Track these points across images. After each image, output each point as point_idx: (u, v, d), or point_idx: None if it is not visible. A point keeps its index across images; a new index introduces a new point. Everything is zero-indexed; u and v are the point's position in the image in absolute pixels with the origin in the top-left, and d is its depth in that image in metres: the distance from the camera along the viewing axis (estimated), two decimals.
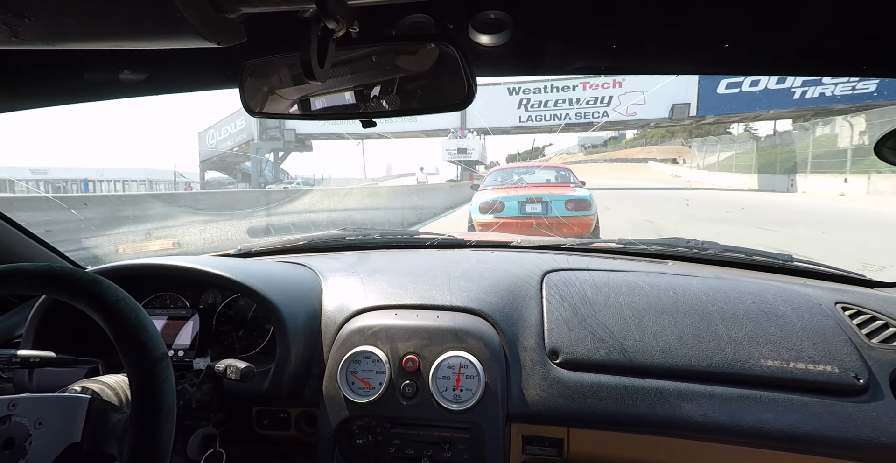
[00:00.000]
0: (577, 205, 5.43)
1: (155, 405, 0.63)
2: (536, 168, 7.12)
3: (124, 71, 0.87)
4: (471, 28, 0.73)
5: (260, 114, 0.79)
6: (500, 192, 5.81)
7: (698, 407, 0.91)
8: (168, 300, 1.17)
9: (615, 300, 1.09)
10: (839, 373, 0.92)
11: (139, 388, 0.63)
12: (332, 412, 0.99)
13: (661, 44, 0.83)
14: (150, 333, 0.64)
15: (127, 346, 0.63)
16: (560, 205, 5.45)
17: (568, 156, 48.16)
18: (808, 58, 0.84)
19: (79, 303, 0.63)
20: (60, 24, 0.42)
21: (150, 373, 0.63)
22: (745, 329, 1.00)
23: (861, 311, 1.05)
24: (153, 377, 0.63)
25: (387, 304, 1.11)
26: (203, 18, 0.43)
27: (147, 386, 0.63)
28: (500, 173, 6.80)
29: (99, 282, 0.64)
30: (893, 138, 0.86)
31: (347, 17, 0.54)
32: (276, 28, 0.71)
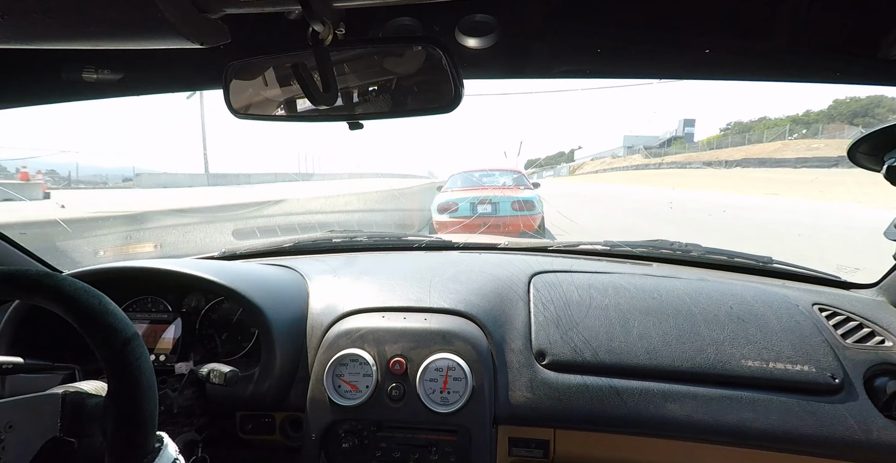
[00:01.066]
0: (522, 205, 5.91)
1: (132, 381, 0.61)
2: (495, 171, 7.54)
3: (104, 71, 0.85)
4: (457, 31, 0.74)
5: (244, 115, 0.78)
6: (456, 194, 6.29)
7: (682, 407, 0.92)
8: (149, 304, 1.15)
9: (601, 302, 1.10)
10: (816, 373, 0.94)
11: (113, 368, 0.61)
12: (318, 416, 0.98)
13: (644, 48, 0.84)
14: (117, 315, 0.62)
15: (94, 331, 0.60)
16: (507, 206, 5.91)
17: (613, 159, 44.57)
18: (785, 64, 0.86)
19: (36, 299, 0.61)
20: (37, 22, 0.41)
21: (123, 352, 0.61)
22: (727, 330, 1.02)
23: (836, 312, 1.08)
24: (127, 355, 0.61)
25: (374, 306, 1.11)
26: (185, 19, 0.43)
27: (122, 364, 0.60)
28: (461, 176, 7.14)
29: (53, 275, 0.62)
30: (866, 143, 0.89)
31: (333, 19, 0.54)
32: (261, 29, 0.71)
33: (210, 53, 0.56)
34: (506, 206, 5.94)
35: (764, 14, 0.72)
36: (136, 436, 0.61)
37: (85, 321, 0.61)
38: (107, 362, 0.61)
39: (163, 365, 1.02)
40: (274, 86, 0.75)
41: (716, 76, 0.91)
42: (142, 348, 0.63)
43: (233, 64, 0.73)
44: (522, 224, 5.75)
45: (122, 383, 0.61)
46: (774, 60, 0.85)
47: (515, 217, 5.82)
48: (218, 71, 0.74)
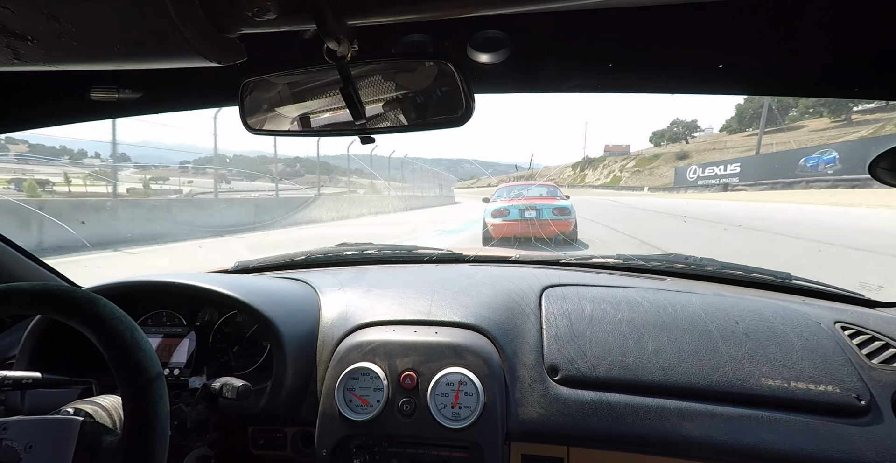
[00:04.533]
0: (560, 211, 7.68)
1: (148, 425, 0.62)
2: (532, 185, 9.82)
3: (126, 90, 0.88)
4: (469, 47, 0.75)
5: (259, 132, 0.79)
6: (506, 203, 8.08)
7: (699, 426, 0.89)
8: (164, 318, 1.16)
9: (614, 316, 1.08)
10: (840, 393, 0.91)
11: (133, 407, 0.62)
12: (329, 431, 0.97)
13: (656, 63, 0.84)
14: (146, 352, 0.64)
15: (122, 365, 0.62)
16: (548, 211, 7.66)
17: None
18: (801, 79, 0.85)
19: (74, 321, 0.63)
20: (63, 45, 0.43)
21: (145, 392, 0.62)
22: (745, 347, 0.99)
23: (861, 330, 1.04)
24: (147, 397, 0.62)
25: (385, 319, 1.10)
26: (203, 38, 0.44)
27: (141, 405, 0.62)
28: (506, 189, 9.25)
29: (96, 300, 0.64)
30: (888, 159, 0.87)
31: (347, 36, 0.55)
32: (276, 47, 0.73)
33: (226, 71, 0.58)
34: (548, 211, 7.62)
35: (779, 30, 0.72)
36: None
37: (115, 353, 0.62)
38: (128, 399, 0.62)
39: (176, 379, 1.03)
40: (288, 102, 0.76)
41: (730, 91, 0.90)
42: (163, 390, 0.65)
43: (248, 81, 0.75)
44: (561, 226, 7.46)
45: (138, 426, 0.62)
46: (788, 75, 0.85)
47: (556, 220, 7.52)
48: (234, 89, 0.76)
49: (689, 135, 61.27)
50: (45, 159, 13.10)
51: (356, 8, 0.48)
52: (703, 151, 49.84)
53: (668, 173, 47.31)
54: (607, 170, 63.57)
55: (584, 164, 72.90)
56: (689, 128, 61.72)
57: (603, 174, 63.78)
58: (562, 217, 7.55)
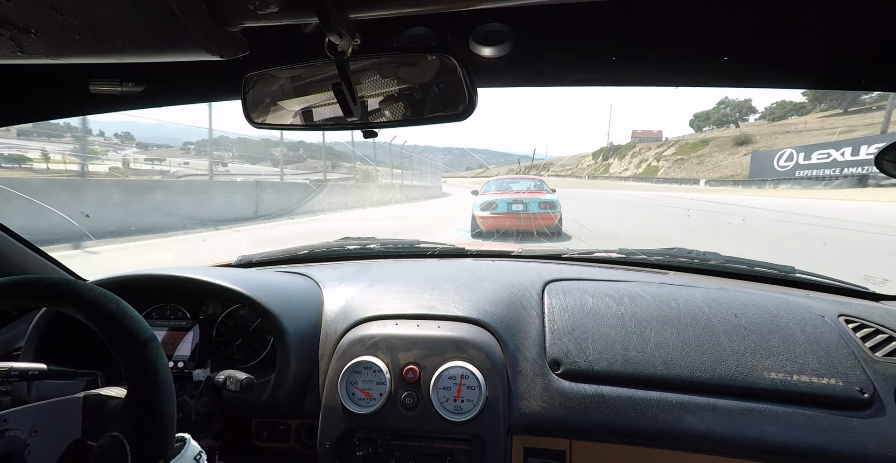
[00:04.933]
0: (546, 205, 7.92)
1: (151, 382, 0.62)
2: (520, 179, 10.09)
3: (129, 83, 0.88)
4: (471, 40, 0.74)
5: (262, 125, 0.80)
6: (494, 196, 8.33)
7: (702, 419, 0.90)
8: (168, 311, 1.17)
9: (616, 310, 1.08)
10: (843, 386, 0.91)
11: (132, 370, 0.63)
12: (332, 424, 0.98)
13: (660, 56, 0.84)
14: (135, 318, 0.64)
15: (113, 334, 0.62)
16: (535, 205, 7.90)
17: None
18: (805, 71, 0.84)
19: (56, 304, 0.63)
20: (66, 38, 0.43)
21: (142, 354, 0.62)
22: (748, 341, 0.99)
23: (864, 324, 1.04)
24: (145, 357, 0.62)
25: (387, 313, 1.11)
26: (206, 32, 0.44)
27: (140, 365, 0.62)
28: (495, 183, 9.50)
29: (73, 282, 0.64)
30: (894, 151, 0.86)
31: (349, 30, 0.55)
32: (278, 41, 0.72)
33: (228, 65, 0.58)
34: (534, 205, 7.87)
35: (783, 21, 0.71)
36: (156, 435, 0.62)
37: (105, 325, 0.63)
38: (126, 364, 0.62)
39: (181, 372, 1.04)
40: (291, 95, 0.76)
41: (734, 84, 0.90)
42: (159, 350, 0.65)
43: (250, 75, 0.75)
44: (546, 219, 7.78)
45: (141, 384, 0.62)
46: (793, 68, 0.84)
47: (541, 214, 7.82)
48: (236, 82, 0.76)
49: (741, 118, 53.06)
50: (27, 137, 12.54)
51: (358, 1, 0.48)
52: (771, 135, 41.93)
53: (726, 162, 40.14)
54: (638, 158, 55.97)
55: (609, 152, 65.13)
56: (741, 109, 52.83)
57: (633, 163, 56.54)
58: (548, 211, 7.85)
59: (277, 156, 15.54)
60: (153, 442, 0.61)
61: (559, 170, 79.31)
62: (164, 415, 0.63)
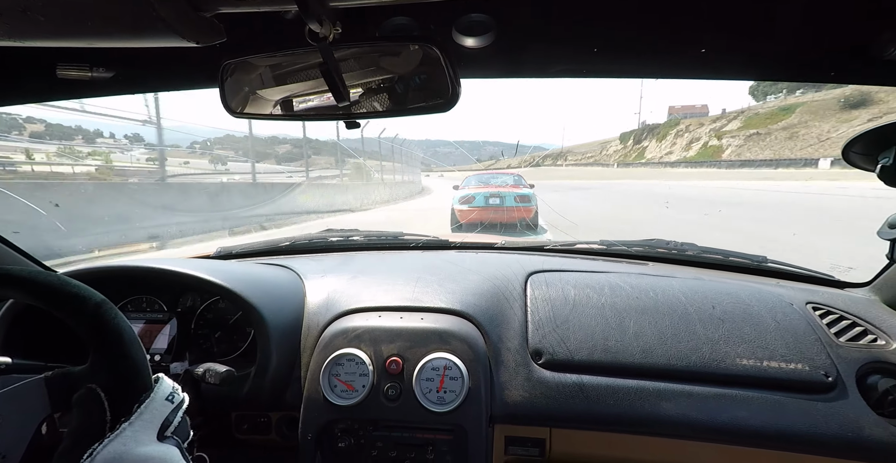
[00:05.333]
0: (522, 199, 8.24)
1: (115, 333, 0.60)
2: (500, 174, 10.46)
3: (99, 69, 0.85)
4: (454, 30, 0.74)
5: (241, 115, 0.78)
6: (473, 190, 8.69)
7: (676, 405, 0.93)
8: (144, 304, 1.14)
9: (597, 301, 1.11)
10: (809, 371, 0.95)
11: (91, 329, 0.60)
12: (314, 416, 0.98)
13: (641, 48, 0.84)
14: (80, 286, 0.62)
15: (61, 303, 0.60)
16: (511, 199, 8.24)
17: None
18: (781, 64, 0.87)
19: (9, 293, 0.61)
20: (29, 20, 0.41)
21: (97, 314, 0.60)
22: (722, 329, 1.02)
23: (830, 310, 1.09)
24: (101, 315, 0.60)
25: (370, 306, 1.10)
26: (180, 17, 0.43)
27: (98, 323, 0.60)
28: (474, 177, 9.82)
29: (6, 267, 0.62)
30: (860, 142, 0.89)
31: (330, 18, 0.54)
32: (257, 28, 0.71)
33: (206, 52, 0.56)
34: (510, 199, 8.22)
35: (759, 14, 0.73)
36: (130, 380, 0.60)
37: (49, 297, 0.60)
38: (83, 327, 0.60)
39: (157, 365, 1.02)
40: (270, 84, 0.75)
41: (711, 76, 0.91)
42: (115, 310, 0.62)
43: (229, 63, 0.73)
44: (522, 212, 8.10)
45: (104, 337, 0.60)
46: (769, 60, 0.86)
47: (518, 207, 8.14)
48: (213, 70, 0.74)
49: None
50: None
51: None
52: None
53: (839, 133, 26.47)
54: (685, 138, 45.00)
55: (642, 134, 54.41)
56: None
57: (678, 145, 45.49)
58: (523, 204, 8.17)
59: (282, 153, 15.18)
60: (128, 387, 0.60)
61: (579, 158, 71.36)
62: (135, 361, 0.61)
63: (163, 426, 0.60)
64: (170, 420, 0.62)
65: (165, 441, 0.60)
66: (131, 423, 0.57)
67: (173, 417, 0.62)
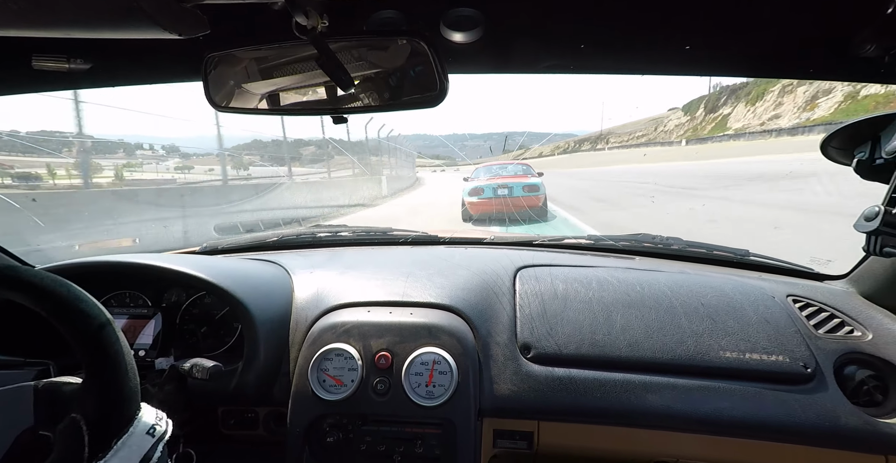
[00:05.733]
0: (530, 188, 8.54)
1: (112, 359, 0.59)
2: (508, 164, 10.74)
3: (77, 60, 0.82)
4: (442, 25, 0.73)
5: (225, 108, 0.76)
6: (482, 182, 8.89)
7: (661, 398, 0.95)
8: (128, 299, 1.13)
9: (585, 295, 1.12)
10: (789, 363, 0.97)
11: (90, 351, 0.59)
12: (302, 411, 0.97)
13: (628, 44, 0.85)
14: (88, 301, 0.60)
15: (65, 318, 0.58)
16: (519, 189, 8.51)
17: None
18: (765, 61, 0.88)
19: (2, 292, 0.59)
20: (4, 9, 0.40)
21: (99, 336, 0.59)
22: (706, 322, 1.04)
23: (809, 303, 1.12)
24: (103, 338, 0.59)
25: (359, 301, 1.10)
26: (161, 7, 0.42)
27: (98, 347, 0.59)
28: (483, 169, 10.02)
29: (15, 267, 0.61)
30: (838, 138, 0.91)
31: (317, 11, 0.53)
32: (242, 20, 0.69)
33: (189, 44, 0.55)
34: (518, 189, 8.52)
35: (743, 12, 0.73)
36: (116, 416, 0.59)
37: (55, 310, 0.59)
38: (82, 347, 0.59)
39: (142, 360, 1.01)
40: (256, 78, 0.73)
41: (695, 72, 0.92)
42: (118, 334, 0.61)
43: (212, 55, 0.71)
44: (531, 201, 8.44)
45: (100, 363, 0.59)
46: (755, 58, 0.87)
47: (526, 196, 8.46)
48: (197, 63, 0.72)
49: None
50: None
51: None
52: None
53: None
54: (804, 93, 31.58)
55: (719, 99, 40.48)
56: None
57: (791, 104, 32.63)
58: (531, 193, 8.46)
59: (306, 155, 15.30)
60: (112, 418, 0.59)
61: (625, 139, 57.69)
62: (125, 391, 0.60)
63: (142, 461, 0.59)
64: (149, 456, 0.60)
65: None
66: (107, 461, 0.56)
67: (153, 453, 0.61)
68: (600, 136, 40.36)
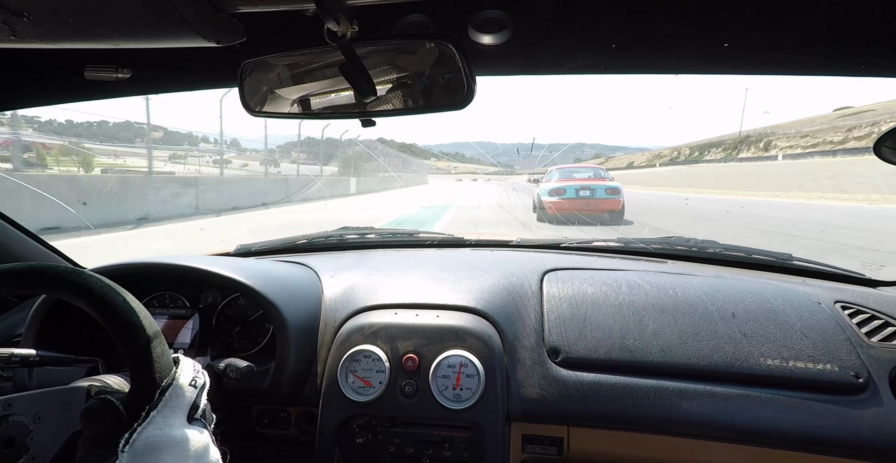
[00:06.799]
0: (612, 191, 8.82)
1: (155, 379, 0.62)
2: (580, 168, 11.41)
3: (123, 70, 0.87)
4: (470, 27, 0.73)
5: (259, 113, 0.79)
6: (561, 183, 9.19)
7: (698, 406, 0.91)
8: (168, 300, 1.17)
9: (615, 299, 1.09)
10: (838, 372, 0.92)
11: (137, 365, 0.62)
12: (332, 411, 0.99)
13: (660, 43, 0.83)
14: (141, 313, 0.64)
15: (118, 328, 0.62)
16: (602, 191, 8.86)
17: None
18: (808, 58, 0.84)
19: (64, 295, 0.63)
20: (59, 22, 0.42)
21: (146, 349, 0.62)
22: (745, 328, 1.00)
23: (860, 310, 1.05)
24: (149, 353, 0.62)
25: (386, 303, 1.11)
26: (202, 17, 0.43)
27: (145, 362, 0.62)
28: (558, 171, 10.27)
29: (80, 272, 0.64)
30: (893, 137, 0.86)
31: (347, 16, 0.54)
32: (275, 27, 0.71)
33: (225, 52, 0.57)
34: (601, 191, 8.86)
35: (784, 5, 0.70)
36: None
37: (110, 318, 0.62)
38: (130, 360, 0.62)
39: None
40: (288, 83, 0.76)
41: (736, 71, 0.89)
42: (164, 346, 0.64)
43: (247, 62, 0.74)
44: (612, 204, 8.73)
45: (145, 382, 0.62)
46: (794, 53, 0.83)
47: (607, 199, 8.79)
48: (233, 69, 0.75)
49: None
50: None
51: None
52: None
53: None
54: None
55: None
56: None
57: None
58: (613, 196, 8.82)
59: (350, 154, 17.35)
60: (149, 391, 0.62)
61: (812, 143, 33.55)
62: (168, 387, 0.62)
63: (191, 409, 0.63)
64: (197, 404, 0.64)
65: (194, 424, 0.63)
66: (159, 410, 0.59)
67: (199, 401, 0.64)
68: (760, 137, 27.07)
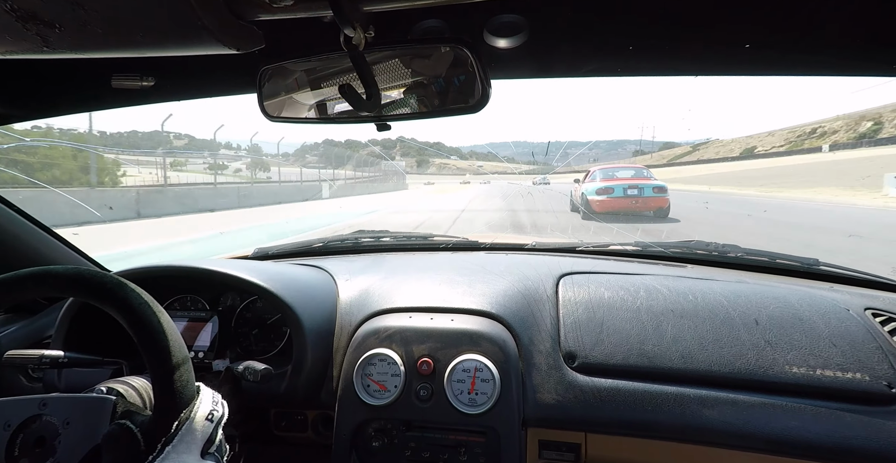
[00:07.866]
0: (659, 189, 9.14)
1: (178, 407, 0.64)
2: (620, 168, 11.30)
3: (147, 78, 0.90)
4: (486, 31, 0.73)
5: (277, 118, 0.80)
6: (608, 182, 9.50)
7: (720, 414, 0.89)
8: (188, 302, 1.19)
9: (632, 304, 1.07)
10: (869, 381, 0.89)
11: (162, 391, 0.65)
12: (348, 414, 0.99)
13: (678, 45, 0.82)
14: (173, 337, 0.66)
15: (150, 349, 0.64)
16: (649, 189, 9.14)
17: None
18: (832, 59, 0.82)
19: (106, 305, 0.65)
20: (88, 33, 0.44)
21: (173, 376, 0.64)
22: (769, 334, 0.97)
23: (893, 317, 1.01)
24: (176, 379, 0.64)
25: (401, 306, 1.11)
26: (222, 25, 0.44)
27: (170, 388, 0.64)
28: (600, 171, 10.47)
29: (124, 286, 0.66)
30: None
31: (363, 23, 0.55)
32: (293, 34, 0.73)
33: (244, 59, 0.58)
34: (648, 189, 9.16)
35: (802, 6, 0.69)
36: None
37: (144, 337, 0.64)
38: (156, 382, 0.65)
39: (201, 362, 1.06)
40: (305, 89, 0.77)
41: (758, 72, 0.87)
42: (189, 373, 0.67)
43: (266, 68, 0.75)
44: (659, 202, 9.05)
45: (166, 404, 0.64)
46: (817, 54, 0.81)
47: (655, 197, 9.09)
48: (251, 76, 0.76)
49: None
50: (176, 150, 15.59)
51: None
52: None
53: None
54: None
55: None
56: None
57: None
58: (660, 195, 9.14)
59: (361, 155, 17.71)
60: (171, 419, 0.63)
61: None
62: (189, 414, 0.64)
63: (205, 444, 0.64)
64: (212, 438, 0.65)
65: (207, 458, 0.64)
66: (174, 445, 0.61)
67: (215, 435, 0.66)
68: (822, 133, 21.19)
